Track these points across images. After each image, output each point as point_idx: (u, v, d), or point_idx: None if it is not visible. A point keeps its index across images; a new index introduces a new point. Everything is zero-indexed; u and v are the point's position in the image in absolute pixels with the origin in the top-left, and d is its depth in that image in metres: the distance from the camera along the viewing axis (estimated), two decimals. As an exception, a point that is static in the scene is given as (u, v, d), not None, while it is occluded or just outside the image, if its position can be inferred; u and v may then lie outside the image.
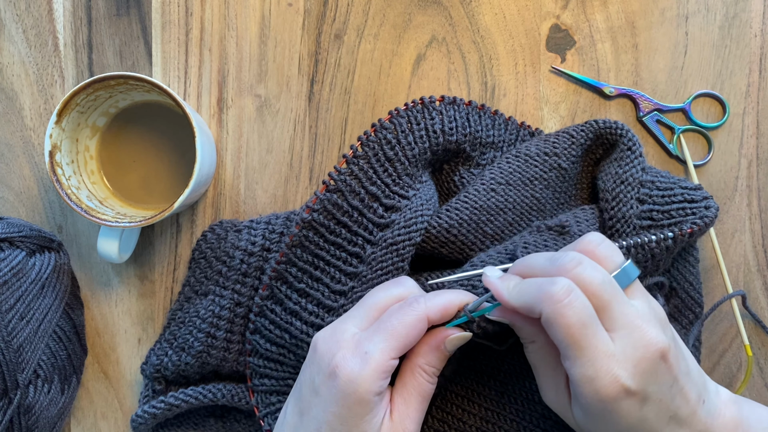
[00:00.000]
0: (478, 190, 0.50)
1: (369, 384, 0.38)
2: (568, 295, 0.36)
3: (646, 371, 0.36)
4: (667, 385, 0.38)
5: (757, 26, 0.55)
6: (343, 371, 0.38)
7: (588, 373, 0.36)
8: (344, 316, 0.42)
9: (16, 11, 0.55)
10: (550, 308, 0.36)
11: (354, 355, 0.38)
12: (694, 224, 0.46)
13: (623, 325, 0.37)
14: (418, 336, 0.40)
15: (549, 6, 0.55)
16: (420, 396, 0.41)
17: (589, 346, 0.36)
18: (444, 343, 0.41)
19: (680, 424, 0.38)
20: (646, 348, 0.37)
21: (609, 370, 0.36)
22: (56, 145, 0.49)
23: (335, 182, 0.48)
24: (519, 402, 0.47)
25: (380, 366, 0.38)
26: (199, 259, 0.53)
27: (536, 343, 0.41)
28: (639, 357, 0.36)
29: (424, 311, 0.40)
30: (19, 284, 0.48)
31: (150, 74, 0.55)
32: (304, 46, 0.55)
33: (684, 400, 0.38)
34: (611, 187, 0.49)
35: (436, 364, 0.41)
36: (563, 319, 0.36)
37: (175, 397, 0.50)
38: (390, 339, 0.39)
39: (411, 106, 0.50)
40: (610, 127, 0.50)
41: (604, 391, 0.36)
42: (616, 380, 0.36)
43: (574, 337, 0.36)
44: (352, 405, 0.38)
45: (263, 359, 0.50)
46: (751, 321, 0.54)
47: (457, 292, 0.42)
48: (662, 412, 0.38)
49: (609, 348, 0.36)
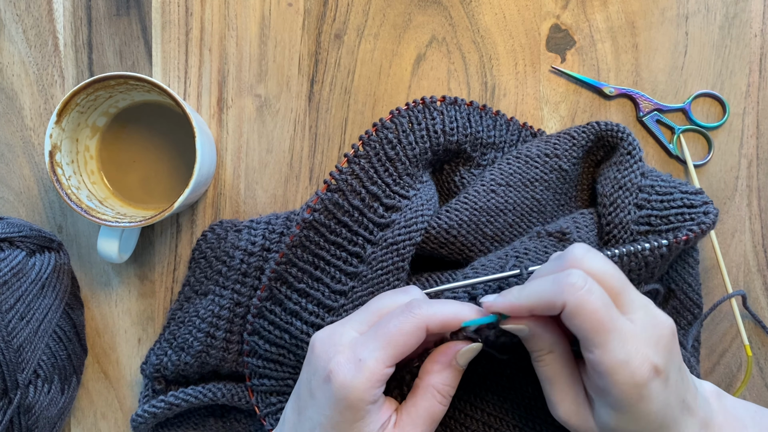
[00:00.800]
0: (478, 191, 0.50)
1: (362, 392, 0.37)
2: (586, 282, 0.36)
3: (666, 348, 0.37)
4: (677, 365, 0.38)
5: (757, 26, 0.55)
6: (336, 377, 0.38)
7: (620, 357, 0.36)
8: (345, 319, 0.41)
9: (16, 11, 0.55)
10: (574, 296, 0.36)
11: (348, 361, 0.38)
12: (690, 231, 0.46)
13: (639, 306, 0.38)
14: (416, 344, 0.39)
15: (549, 6, 0.55)
16: (430, 418, 0.40)
17: (615, 328, 0.36)
18: (455, 357, 0.40)
19: (690, 411, 0.39)
20: (663, 325, 0.38)
21: (639, 350, 0.36)
22: (56, 145, 0.49)
23: (336, 182, 0.48)
24: (521, 408, 0.47)
25: (374, 375, 0.37)
26: (199, 259, 0.53)
27: (554, 353, 0.40)
28: (659, 335, 0.37)
29: (424, 320, 0.39)
30: (19, 284, 0.48)
31: (150, 74, 0.55)
32: (304, 46, 0.55)
33: (688, 385, 0.39)
34: (609, 192, 0.49)
35: (451, 383, 0.40)
36: (589, 304, 0.36)
37: (174, 396, 0.50)
38: (386, 347, 0.38)
39: (412, 105, 0.50)
40: (611, 129, 0.50)
41: (638, 372, 0.36)
42: (648, 359, 0.36)
43: (602, 321, 0.36)
44: (343, 410, 0.38)
45: (262, 360, 0.50)
46: (751, 321, 0.54)
47: (461, 305, 0.41)
48: (678, 395, 0.38)
49: (633, 329, 0.37)
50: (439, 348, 0.41)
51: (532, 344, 0.40)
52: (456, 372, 0.40)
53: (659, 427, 0.37)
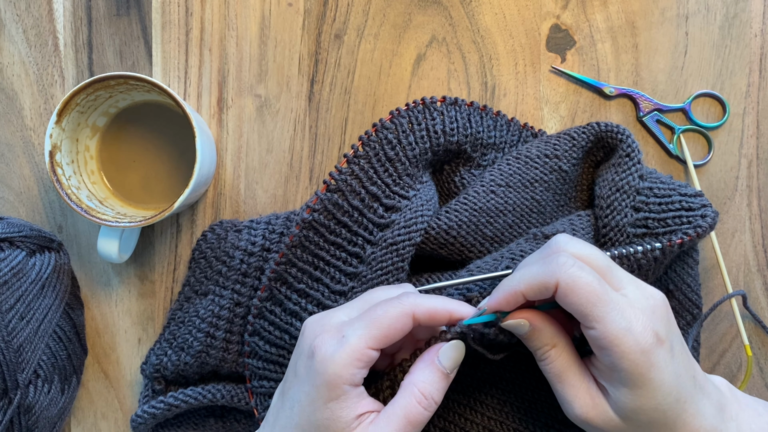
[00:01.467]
0: (478, 192, 0.50)
1: (340, 367, 0.37)
2: (575, 261, 0.37)
3: (663, 317, 0.38)
4: (679, 337, 0.39)
5: (757, 26, 0.55)
6: (318, 351, 0.38)
7: (622, 325, 0.36)
8: (338, 306, 0.42)
9: (16, 11, 0.55)
10: (566, 273, 0.36)
11: (332, 338, 0.38)
12: (686, 234, 0.45)
13: (628, 282, 0.39)
14: (401, 330, 0.39)
15: (549, 6, 0.55)
16: (405, 418, 0.38)
17: (611, 300, 0.36)
18: (438, 355, 0.39)
19: (702, 391, 0.39)
20: (654, 297, 0.38)
21: (638, 316, 0.36)
22: (56, 145, 0.49)
23: (336, 182, 0.48)
24: (522, 411, 0.46)
25: (355, 351, 0.37)
26: (199, 259, 0.53)
27: (558, 347, 0.40)
28: (653, 305, 0.38)
29: (411, 307, 0.39)
30: (19, 284, 0.48)
31: (150, 74, 0.55)
32: (304, 46, 0.55)
33: (695, 364, 0.40)
34: (606, 195, 0.48)
35: (431, 381, 0.39)
36: (581, 279, 0.36)
37: (174, 397, 0.50)
38: (370, 327, 0.38)
39: (412, 106, 0.50)
40: (611, 130, 0.50)
41: (642, 338, 0.36)
42: (648, 325, 0.36)
43: (597, 293, 0.36)
44: (320, 386, 0.37)
45: (262, 361, 0.50)
46: (751, 321, 0.54)
47: (451, 300, 0.40)
48: (687, 369, 0.38)
49: (627, 300, 0.37)
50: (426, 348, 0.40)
51: (535, 341, 0.40)
52: (439, 372, 0.39)
53: (675, 401, 0.37)
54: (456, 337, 0.40)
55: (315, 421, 0.37)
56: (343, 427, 0.37)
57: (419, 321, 0.39)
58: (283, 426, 0.39)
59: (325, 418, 0.37)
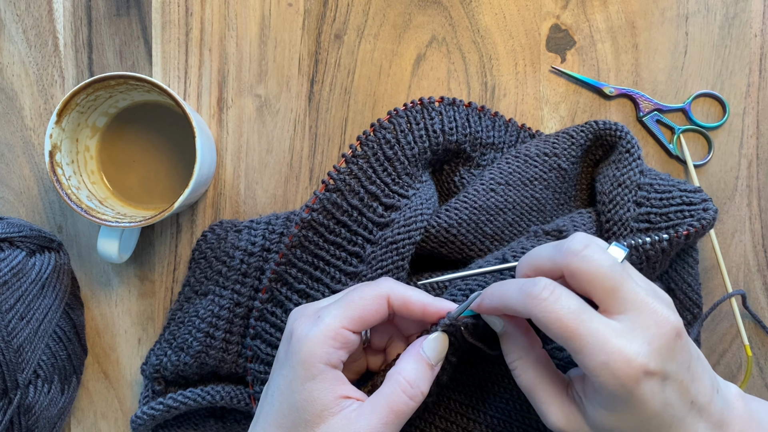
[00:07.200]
0: (478, 190, 0.50)
1: (315, 345, 0.37)
2: (551, 292, 0.36)
3: (662, 348, 0.35)
4: (685, 365, 0.37)
5: (757, 26, 0.55)
6: (295, 332, 0.39)
7: (600, 359, 0.35)
8: (325, 298, 0.43)
9: (16, 11, 0.56)
10: (537, 308, 0.36)
11: (308, 320, 0.39)
12: (691, 226, 0.46)
13: (634, 305, 0.36)
14: (376, 312, 0.39)
15: (549, 6, 0.55)
16: (388, 407, 0.37)
17: (589, 332, 0.35)
18: (422, 346, 0.40)
19: (700, 412, 0.37)
20: (660, 326, 0.36)
21: (620, 350, 0.35)
22: (56, 145, 0.49)
23: (335, 182, 0.48)
24: (525, 410, 0.46)
25: (329, 330, 0.38)
26: (199, 259, 0.53)
27: (525, 360, 0.40)
28: (653, 334, 0.35)
29: (386, 290, 0.40)
30: (19, 284, 0.48)
31: (150, 74, 0.55)
32: (304, 46, 0.55)
33: (701, 385, 0.37)
34: (608, 190, 0.49)
35: (415, 371, 0.39)
36: (553, 314, 0.35)
37: (173, 398, 0.50)
38: (345, 308, 0.39)
39: (410, 106, 0.50)
40: (609, 128, 0.50)
41: (622, 372, 0.34)
42: (631, 360, 0.35)
43: (569, 328, 0.35)
44: (297, 366, 0.38)
45: (265, 365, 0.50)
46: (751, 321, 0.54)
47: (429, 296, 0.41)
48: (684, 396, 0.36)
49: (614, 329, 0.35)
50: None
51: (506, 347, 0.41)
52: (423, 363, 0.39)
53: (658, 426, 0.37)
54: (444, 330, 0.40)
55: (294, 402, 0.38)
56: (322, 410, 0.37)
57: (394, 307, 0.40)
58: (266, 414, 0.39)
59: (303, 399, 0.37)
